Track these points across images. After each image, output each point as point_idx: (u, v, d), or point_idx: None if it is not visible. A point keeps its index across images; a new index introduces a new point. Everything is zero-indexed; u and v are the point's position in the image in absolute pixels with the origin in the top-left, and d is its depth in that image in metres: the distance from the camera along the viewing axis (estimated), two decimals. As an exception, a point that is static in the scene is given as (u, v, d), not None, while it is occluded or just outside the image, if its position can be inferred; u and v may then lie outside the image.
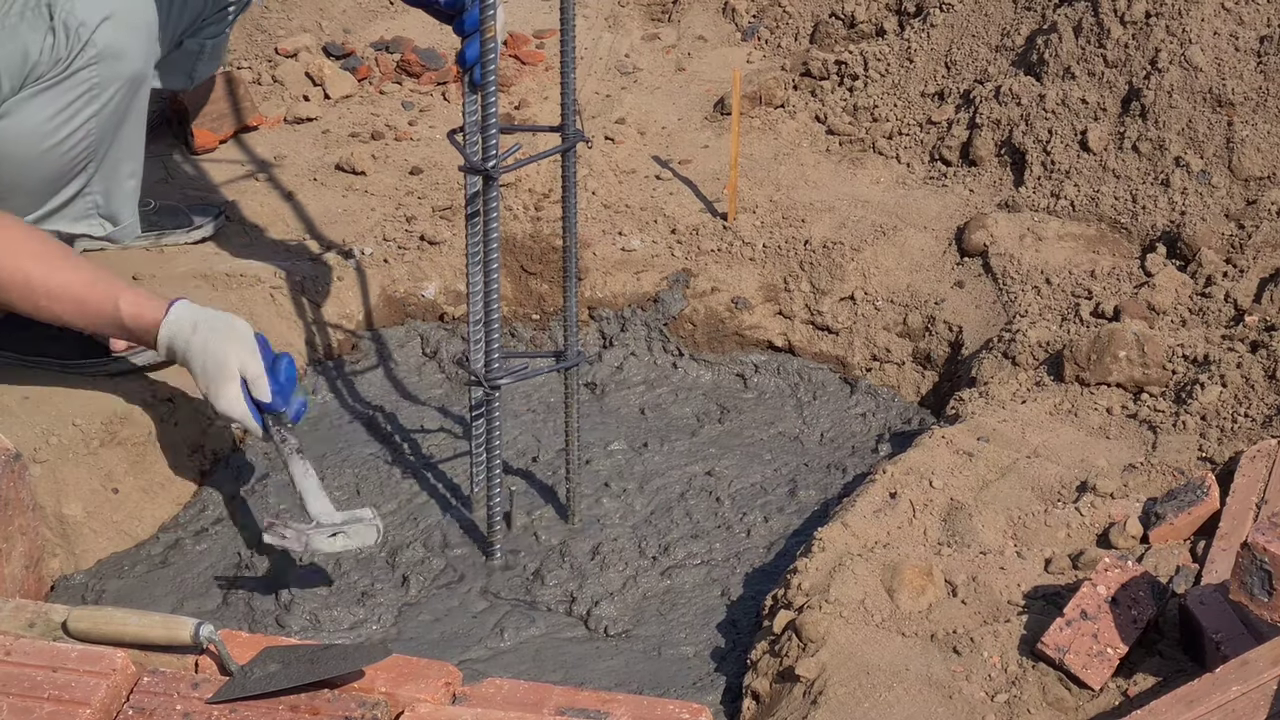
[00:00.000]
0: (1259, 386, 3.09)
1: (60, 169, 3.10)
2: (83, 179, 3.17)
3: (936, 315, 3.58)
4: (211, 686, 2.25)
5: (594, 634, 2.92)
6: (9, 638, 2.33)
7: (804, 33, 4.43)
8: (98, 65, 3.02)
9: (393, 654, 2.31)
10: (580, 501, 3.17)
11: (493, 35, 2.76)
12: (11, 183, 3.00)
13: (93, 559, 3.03)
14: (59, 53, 2.98)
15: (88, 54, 3.00)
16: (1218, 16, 3.70)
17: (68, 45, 2.98)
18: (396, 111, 4.26)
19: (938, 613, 2.69)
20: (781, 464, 3.35)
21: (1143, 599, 2.54)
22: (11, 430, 2.97)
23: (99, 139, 3.11)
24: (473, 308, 3.01)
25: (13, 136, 3.01)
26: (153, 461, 3.19)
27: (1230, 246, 3.47)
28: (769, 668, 2.69)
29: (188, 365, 3.00)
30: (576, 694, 2.30)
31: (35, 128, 3.02)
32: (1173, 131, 3.65)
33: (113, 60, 3.04)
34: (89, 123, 3.07)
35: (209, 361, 2.97)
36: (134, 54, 3.08)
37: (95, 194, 3.22)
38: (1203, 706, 2.22)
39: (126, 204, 3.30)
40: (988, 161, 3.89)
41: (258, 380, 2.99)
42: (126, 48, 3.06)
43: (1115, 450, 3.08)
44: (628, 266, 3.73)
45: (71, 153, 3.08)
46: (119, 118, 3.13)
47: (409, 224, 3.83)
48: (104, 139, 3.12)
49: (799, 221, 3.78)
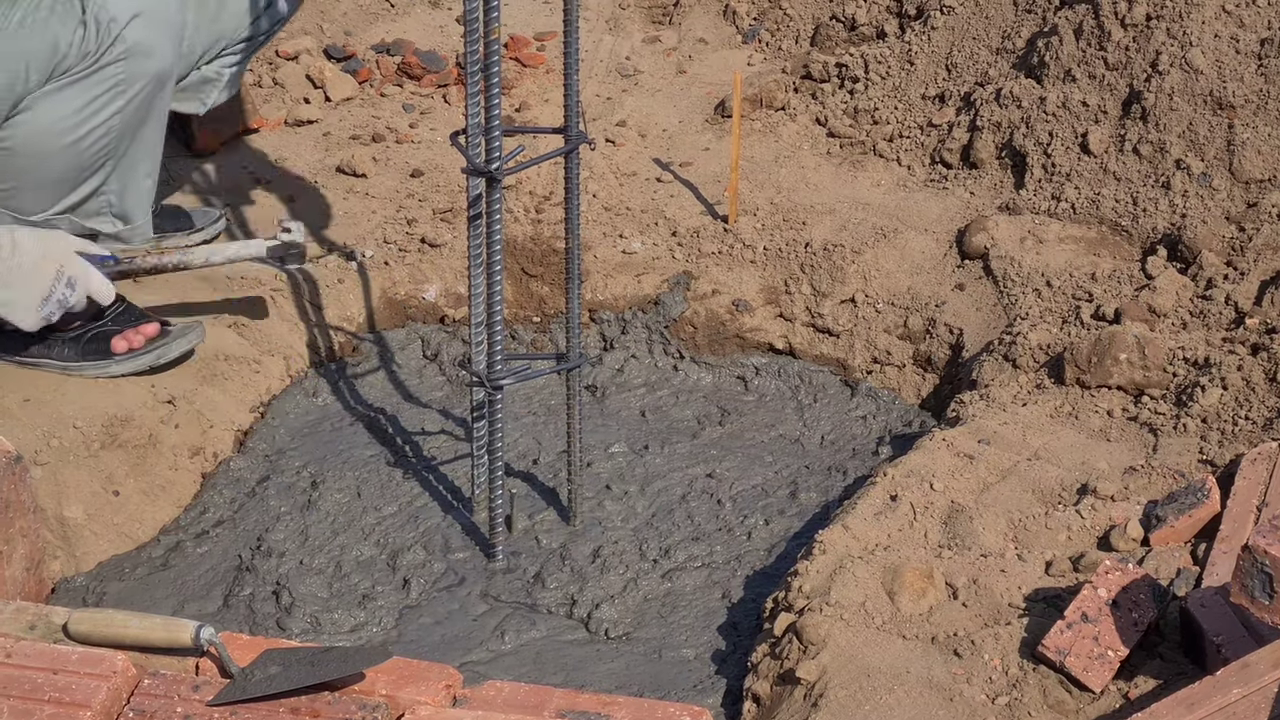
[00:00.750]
0: (1260, 389, 3.09)
1: (80, 165, 3.11)
2: (100, 176, 3.18)
3: (937, 318, 3.58)
4: (212, 689, 2.25)
5: (595, 636, 2.92)
6: (10, 640, 2.33)
7: (805, 35, 4.43)
8: (126, 61, 3.05)
9: (393, 656, 2.31)
10: (581, 504, 3.17)
11: (496, 35, 2.76)
12: (30, 176, 3.02)
13: (93, 561, 3.03)
14: (88, 46, 3.00)
15: (117, 49, 3.03)
16: (1218, 19, 3.70)
17: (97, 39, 3.00)
18: (397, 114, 4.26)
19: (938, 615, 2.69)
20: (782, 466, 3.35)
21: (1143, 601, 2.54)
22: (12, 433, 2.98)
23: (120, 136, 3.13)
24: (474, 310, 3.01)
25: (36, 129, 3.03)
26: (153, 464, 3.19)
27: (1231, 249, 3.47)
28: (769, 670, 2.69)
29: (13, 269, 3.02)
30: (577, 697, 2.30)
31: (59, 120, 3.04)
32: (1173, 134, 3.65)
33: (141, 57, 3.06)
34: (113, 119, 3.09)
35: (50, 243, 3.05)
36: (162, 52, 3.11)
37: (110, 193, 3.24)
38: (1203, 709, 2.22)
39: (140, 205, 3.32)
40: (988, 164, 3.89)
41: (86, 245, 3.12)
42: (155, 45, 3.09)
43: (1116, 453, 3.08)
44: (629, 269, 3.73)
45: (93, 149, 3.10)
46: (141, 116, 3.15)
47: (410, 226, 3.83)
48: (125, 137, 3.14)
49: (800, 224, 3.78)
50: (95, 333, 3.24)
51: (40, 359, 3.23)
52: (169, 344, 3.26)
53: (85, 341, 3.23)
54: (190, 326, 3.32)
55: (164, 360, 3.26)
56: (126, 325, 3.26)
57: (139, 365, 3.25)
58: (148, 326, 3.28)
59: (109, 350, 3.23)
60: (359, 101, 4.32)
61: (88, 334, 3.23)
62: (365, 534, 3.12)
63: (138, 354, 3.24)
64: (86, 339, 3.23)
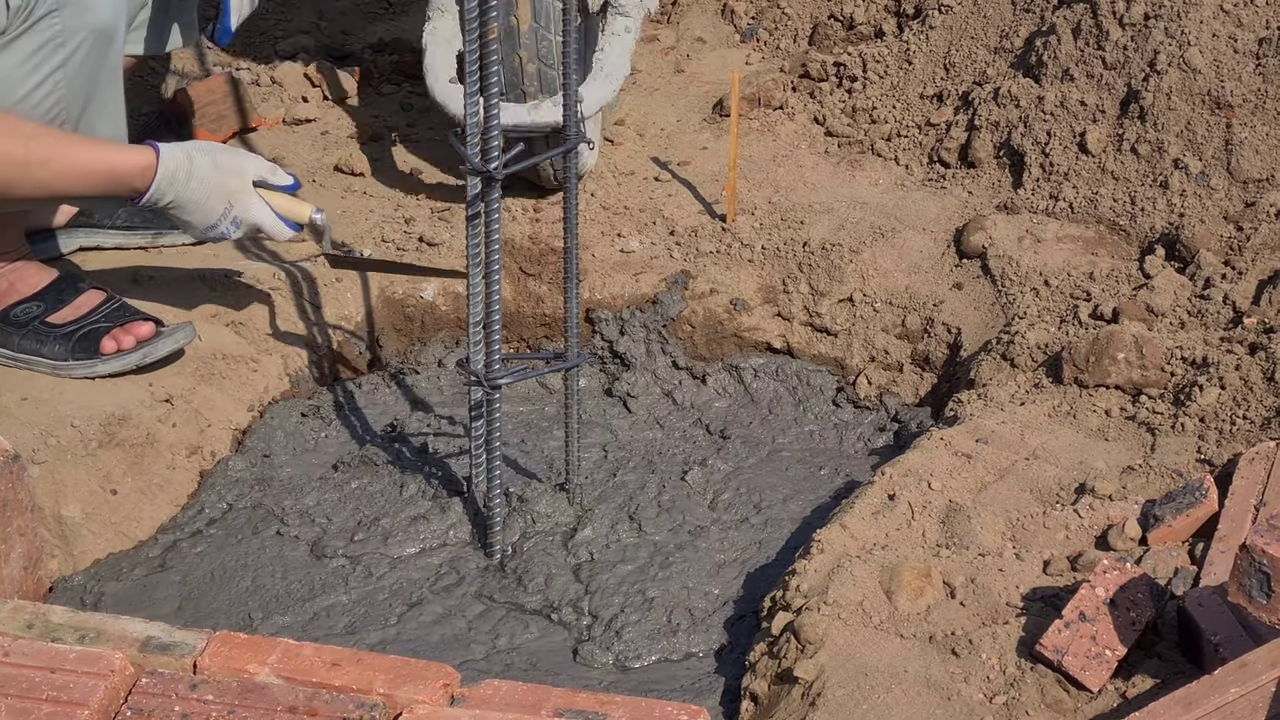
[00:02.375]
0: (1257, 388, 3.09)
1: None
2: None
3: (935, 317, 3.58)
4: (211, 688, 2.25)
5: (592, 635, 2.92)
6: (7, 639, 2.33)
7: (803, 34, 4.43)
8: (60, 13, 2.97)
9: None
10: (580, 502, 3.17)
11: (495, 35, 2.76)
12: None
13: (91, 560, 3.03)
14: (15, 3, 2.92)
15: (48, 2, 2.96)
16: (1216, 19, 3.70)
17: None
18: (395, 113, 4.26)
19: (936, 614, 2.69)
20: (780, 465, 3.35)
21: (1141, 601, 2.55)
22: (10, 431, 2.98)
23: (69, 94, 3.05)
24: (473, 309, 3.01)
25: None
26: (151, 463, 3.19)
27: (1229, 248, 3.47)
28: (767, 669, 2.69)
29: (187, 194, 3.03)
30: (575, 695, 2.30)
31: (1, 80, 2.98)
32: (1171, 133, 3.65)
33: (77, 9, 3.00)
34: (55, 74, 3.01)
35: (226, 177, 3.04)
36: (99, 4, 3.04)
37: None
38: (1201, 709, 2.22)
39: None
40: (986, 163, 3.89)
41: (275, 171, 3.14)
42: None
43: (1114, 452, 3.08)
44: (626, 268, 3.73)
45: (40, 107, 3.01)
46: (90, 74, 3.07)
47: (408, 225, 3.83)
48: (75, 96, 3.06)
49: (797, 223, 3.78)
50: (86, 330, 3.23)
51: (32, 356, 3.22)
52: (156, 343, 3.25)
53: (75, 340, 3.22)
54: (179, 326, 3.31)
55: (150, 360, 3.24)
56: (118, 323, 3.25)
57: (126, 365, 3.24)
58: (141, 326, 3.26)
59: (97, 349, 3.23)
60: (357, 100, 4.32)
61: (79, 332, 3.23)
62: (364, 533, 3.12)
63: (125, 354, 3.23)
64: (77, 337, 3.22)
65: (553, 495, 3.17)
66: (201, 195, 3.07)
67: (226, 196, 3.08)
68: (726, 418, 3.50)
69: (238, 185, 3.11)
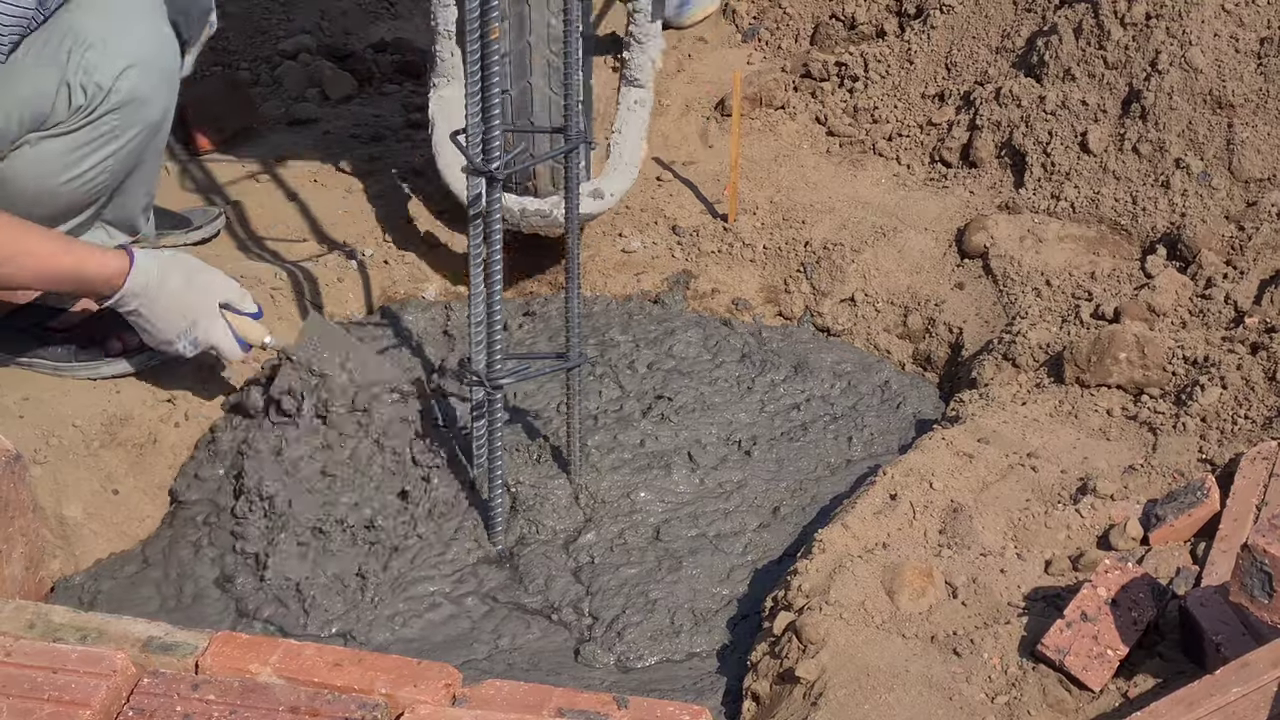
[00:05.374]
0: (1259, 388, 3.09)
1: (72, 202, 3.11)
2: (95, 208, 3.18)
3: (937, 317, 3.58)
4: (213, 688, 2.25)
5: (594, 635, 2.92)
6: (9, 639, 2.33)
7: (804, 34, 4.43)
8: (120, 110, 3.03)
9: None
10: (582, 502, 3.17)
11: (496, 35, 2.76)
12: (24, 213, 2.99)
13: (92, 560, 3.03)
14: (77, 103, 2.98)
15: (111, 102, 3.00)
16: (1218, 18, 3.70)
17: (87, 99, 2.98)
18: (397, 113, 4.26)
19: (938, 614, 2.69)
20: (782, 465, 3.34)
21: (1143, 600, 2.55)
22: (12, 431, 2.98)
23: (114, 175, 3.11)
24: (474, 309, 3.01)
25: (26, 169, 3.01)
26: (153, 463, 3.19)
27: (1230, 248, 3.47)
28: (769, 669, 2.69)
29: (153, 307, 3.04)
30: (576, 695, 2.30)
31: (50, 161, 3.02)
32: (1173, 133, 3.65)
33: (137, 106, 3.05)
34: (106, 160, 3.07)
35: (196, 296, 3.05)
36: (157, 100, 3.10)
37: (107, 219, 3.24)
38: (1203, 708, 2.22)
39: (139, 219, 3.33)
40: (988, 163, 3.89)
41: (244, 298, 3.14)
42: (151, 95, 3.06)
43: (1115, 452, 3.08)
44: (628, 268, 3.73)
45: (85, 188, 3.08)
46: (137, 157, 3.14)
47: (409, 225, 3.83)
48: (118, 175, 3.13)
49: (799, 223, 3.78)
50: (91, 332, 3.23)
51: (35, 358, 3.23)
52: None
53: (80, 341, 3.22)
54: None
55: (154, 362, 3.24)
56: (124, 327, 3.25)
57: (129, 367, 3.24)
58: None
59: (102, 350, 3.23)
60: (358, 100, 4.32)
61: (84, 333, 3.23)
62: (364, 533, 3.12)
63: (130, 356, 3.23)
64: (82, 339, 3.22)
65: (554, 494, 3.17)
66: (165, 311, 3.06)
67: (191, 316, 3.06)
68: (727, 418, 3.49)
69: (205, 307, 3.09)
